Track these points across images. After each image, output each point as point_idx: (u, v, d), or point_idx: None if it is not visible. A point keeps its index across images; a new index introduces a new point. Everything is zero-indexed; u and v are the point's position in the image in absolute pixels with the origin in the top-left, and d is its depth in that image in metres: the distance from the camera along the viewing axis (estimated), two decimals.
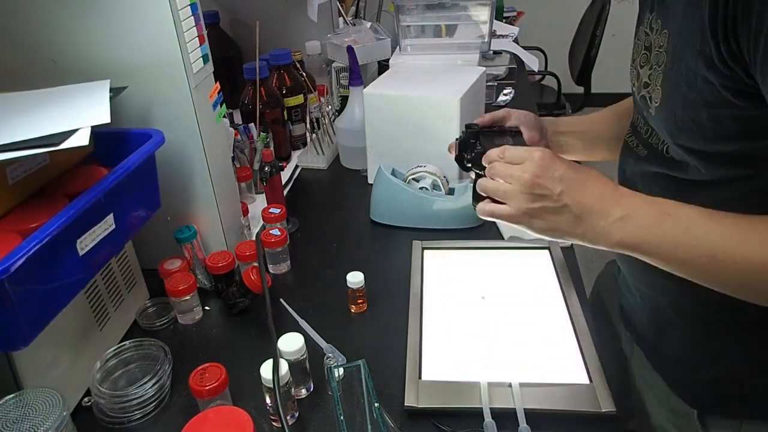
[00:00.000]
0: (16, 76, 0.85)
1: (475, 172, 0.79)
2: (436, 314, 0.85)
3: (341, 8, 1.63)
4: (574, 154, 0.95)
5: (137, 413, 0.73)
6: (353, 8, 1.74)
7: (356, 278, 0.87)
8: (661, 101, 0.63)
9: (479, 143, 0.82)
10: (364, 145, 1.22)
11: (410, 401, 0.71)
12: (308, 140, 1.45)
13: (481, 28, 1.35)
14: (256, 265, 0.88)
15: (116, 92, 0.77)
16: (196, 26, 0.84)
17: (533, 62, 1.83)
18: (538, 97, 3.23)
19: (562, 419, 0.69)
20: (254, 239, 1.00)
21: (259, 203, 1.20)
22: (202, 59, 0.86)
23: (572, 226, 0.61)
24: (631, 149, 0.75)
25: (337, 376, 0.72)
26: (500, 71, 1.76)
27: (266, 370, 0.67)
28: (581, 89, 3.08)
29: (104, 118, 0.66)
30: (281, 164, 1.35)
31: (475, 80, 1.16)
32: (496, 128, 0.89)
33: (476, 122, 0.90)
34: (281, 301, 0.89)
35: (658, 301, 0.76)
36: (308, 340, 0.75)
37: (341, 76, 1.51)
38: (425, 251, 1.00)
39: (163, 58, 0.81)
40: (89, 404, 0.74)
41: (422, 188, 1.08)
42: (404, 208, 1.08)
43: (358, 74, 1.29)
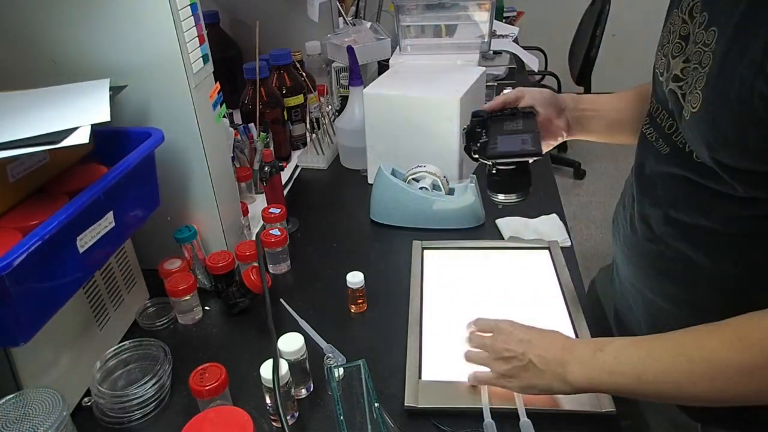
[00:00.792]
0: (16, 76, 0.85)
1: (482, 161, 0.80)
2: (436, 314, 0.85)
3: (341, 8, 1.63)
4: (595, 134, 0.92)
5: (137, 413, 0.73)
6: (353, 8, 1.74)
7: (356, 278, 0.87)
8: (700, 108, 0.58)
9: (485, 132, 0.82)
10: (364, 145, 1.22)
11: (410, 401, 0.71)
12: (308, 140, 1.45)
13: (481, 28, 1.34)
14: (256, 265, 0.88)
15: (116, 91, 0.77)
16: (196, 26, 0.84)
17: (533, 62, 1.83)
18: None
19: (562, 419, 0.69)
20: (254, 239, 1.00)
21: (259, 203, 1.20)
22: (202, 59, 0.86)
23: (540, 378, 0.66)
24: (650, 144, 0.71)
25: (337, 376, 0.72)
26: (500, 71, 1.76)
27: (266, 370, 0.67)
28: (581, 89, 3.08)
29: (104, 116, 0.67)
30: (281, 164, 1.35)
31: (475, 80, 1.16)
32: (507, 111, 0.86)
33: (487, 107, 0.88)
34: (281, 301, 0.89)
35: (660, 306, 0.73)
36: (308, 340, 0.75)
37: (341, 76, 1.51)
38: (425, 251, 1.00)
39: (163, 58, 0.81)
40: (89, 404, 0.74)
41: (422, 188, 1.08)
42: (404, 208, 1.08)
43: (358, 74, 1.29)
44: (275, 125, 1.33)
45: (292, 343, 0.72)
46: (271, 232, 0.98)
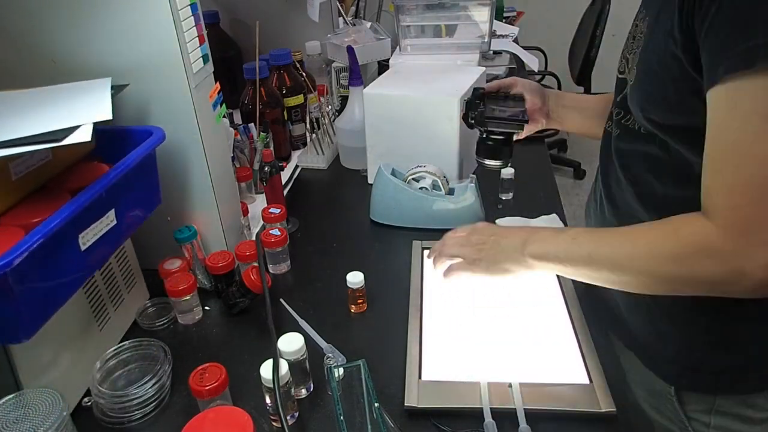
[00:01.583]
0: (16, 76, 0.85)
1: (478, 129, 1.00)
2: (436, 314, 0.85)
3: (341, 8, 1.63)
4: (571, 126, 1.06)
5: (137, 413, 0.73)
6: (353, 8, 1.74)
7: (356, 278, 0.87)
8: (635, 79, 0.71)
9: (482, 104, 0.99)
10: (364, 145, 1.22)
11: (410, 401, 0.71)
12: (308, 140, 1.45)
13: (481, 28, 1.34)
14: (256, 265, 0.88)
15: (117, 90, 0.78)
16: (196, 26, 0.84)
17: (533, 62, 1.83)
18: None
19: (562, 419, 0.69)
20: (254, 239, 1.00)
21: (259, 203, 1.20)
22: (202, 59, 0.86)
23: (504, 254, 0.79)
24: (608, 133, 0.83)
25: (337, 376, 0.72)
26: (500, 71, 1.76)
27: (266, 370, 0.67)
28: (581, 89, 3.08)
29: (106, 114, 0.67)
30: (281, 164, 1.35)
31: (475, 80, 1.16)
32: (501, 94, 1.03)
33: (484, 87, 1.05)
34: (281, 301, 0.89)
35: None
36: (308, 340, 0.75)
37: (341, 76, 1.51)
38: (425, 251, 1.00)
39: (163, 58, 0.81)
40: (89, 404, 0.74)
41: (422, 188, 1.08)
42: (404, 208, 1.08)
43: (358, 74, 1.29)
44: (275, 125, 1.33)
45: (292, 343, 0.72)
46: (271, 232, 0.98)
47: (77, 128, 0.64)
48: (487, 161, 1.01)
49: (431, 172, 1.08)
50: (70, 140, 0.62)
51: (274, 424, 0.71)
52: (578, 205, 3.08)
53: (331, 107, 1.45)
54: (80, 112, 0.68)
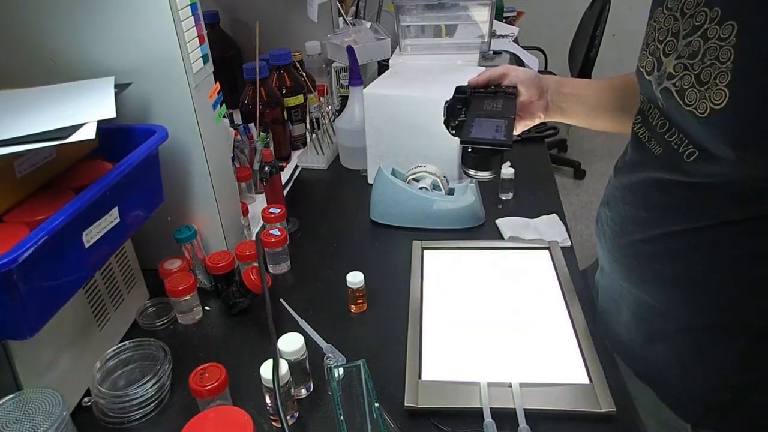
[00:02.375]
0: (15, 76, 0.85)
1: (460, 140, 0.80)
2: (436, 314, 0.85)
3: (341, 8, 1.63)
4: (574, 118, 0.93)
5: (137, 413, 0.73)
6: (353, 8, 1.74)
7: (356, 278, 0.87)
8: (727, 104, 0.57)
9: (464, 110, 0.83)
10: (364, 145, 1.22)
11: (410, 401, 0.71)
12: (308, 140, 1.45)
13: (481, 28, 1.34)
14: (256, 265, 0.88)
15: (121, 88, 0.78)
16: (196, 26, 0.84)
17: (533, 62, 1.83)
18: None
19: (562, 419, 0.69)
20: (254, 239, 1.00)
21: (259, 203, 1.20)
22: (202, 59, 0.86)
23: None
24: (642, 144, 0.71)
25: (337, 376, 0.72)
26: None
27: (266, 370, 0.67)
28: None
29: (110, 112, 0.67)
30: (281, 164, 1.35)
31: None
32: (491, 89, 0.87)
33: (471, 81, 0.88)
34: (281, 301, 0.89)
35: (655, 310, 0.72)
36: (308, 340, 0.75)
37: (341, 76, 1.51)
38: (425, 251, 1.00)
39: (163, 58, 0.81)
40: (89, 404, 0.74)
41: (422, 188, 1.08)
42: (404, 208, 1.08)
43: (358, 74, 1.29)
44: (275, 125, 1.33)
45: (292, 343, 0.72)
46: (271, 232, 0.98)
47: (81, 126, 0.64)
48: (472, 172, 0.85)
49: (431, 172, 1.08)
50: (74, 138, 0.62)
51: (274, 424, 0.71)
52: (578, 205, 3.08)
53: (331, 107, 1.45)
54: (84, 110, 0.68)
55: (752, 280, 0.63)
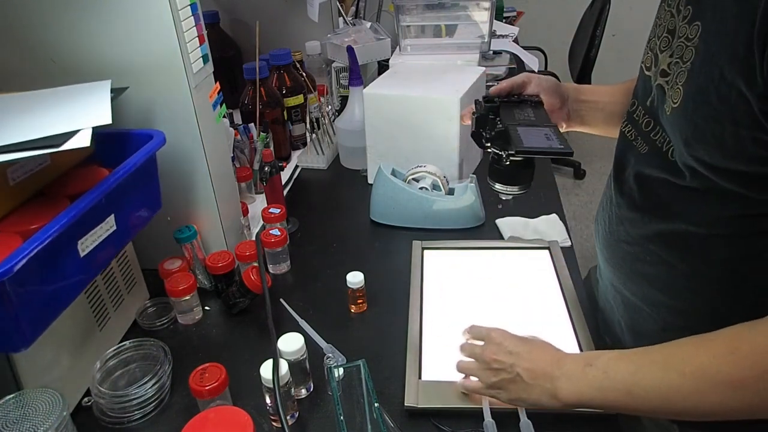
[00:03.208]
0: (16, 76, 0.85)
1: (493, 150, 0.75)
2: (436, 314, 0.85)
3: (341, 8, 1.63)
4: (594, 126, 0.91)
5: (137, 413, 0.73)
6: (353, 8, 1.74)
7: (356, 278, 0.87)
8: (680, 104, 0.58)
9: (499, 120, 0.77)
10: (364, 145, 1.22)
11: (410, 401, 0.71)
12: (308, 140, 1.45)
13: (481, 28, 1.34)
14: (256, 265, 0.88)
15: (117, 93, 0.77)
16: (196, 26, 0.84)
17: (533, 62, 1.83)
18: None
19: (561, 419, 0.69)
20: (254, 239, 1.00)
21: (259, 203, 1.20)
22: (202, 59, 0.86)
23: (528, 392, 0.65)
24: (629, 143, 0.71)
25: (337, 376, 0.72)
26: (500, 71, 1.76)
27: (266, 370, 0.67)
28: None
29: (105, 119, 0.66)
30: (281, 164, 1.35)
31: (475, 80, 1.16)
32: (515, 97, 0.84)
33: (493, 91, 0.85)
34: (281, 301, 0.89)
35: (639, 308, 0.72)
36: (308, 340, 0.75)
37: (341, 76, 1.51)
38: (425, 251, 1.00)
39: (163, 58, 0.81)
40: (89, 404, 0.74)
41: (422, 188, 1.08)
42: (404, 208, 1.08)
43: (358, 74, 1.29)
44: (275, 125, 1.33)
45: (292, 343, 0.72)
46: (271, 232, 0.98)
47: (76, 133, 0.63)
48: (500, 186, 0.79)
49: (431, 172, 1.08)
50: (69, 146, 0.61)
51: (274, 424, 0.71)
52: (578, 205, 3.08)
53: (331, 107, 1.45)
54: (79, 116, 0.67)
55: (731, 282, 0.62)
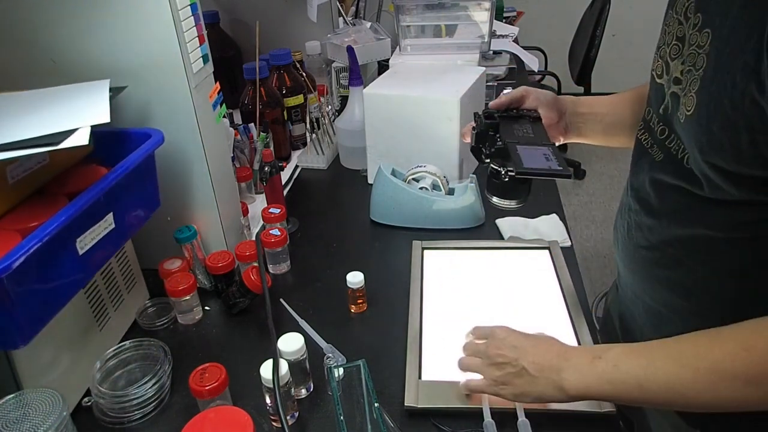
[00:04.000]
0: (16, 76, 0.85)
1: (492, 167, 0.76)
2: (436, 314, 0.85)
3: (341, 8, 1.63)
4: (593, 138, 0.91)
5: (137, 413, 0.73)
6: (353, 8, 1.74)
7: (356, 278, 0.87)
8: (694, 112, 0.58)
9: (499, 137, 0.78)
10: (364, 145, 1.22)
11: (410, 401, 0.71)
12: (308, 140, 1.45)
13: (481, 28, 1.35)
14: (256, 265, 0.88)
15: (116, 92, 0.77)
16: (196, 26, 0.84)
17: (533, 62, 1.83)
18: None
19: (561, 419, 0.69)
20: (254, 239, 1.00)
21: (259, 203, 1.20)
22: (202, 59, 0.86)
23: (533, 385, 0.65)
24: (645, 150, 0.71)
25: (337, 376, 0.72)
26: (500, 71, 1.76)
27: (266, 370, 0.67)
28: (581, 89, 3.08)
29: (104, 117, 0.66)
30: (281, 164, 1.35)
31: (475, 80, 1.16)
32: (513, 112, 0.85)
33: (492, 105, 0.85)
34: (281, 301, 0.89)
35: (660, 313, 0.72)
36: (308, 340, 0.75)
37: (341, 76, 1.51)
38: (425, 251, 1.00)
39: (163, 58, 0.81)
40: (89, 404, 0.74)
41: (422, 188, 1.08)
42: (404, 208, 1.08)
43: (358, 74, 1.29)
44: (275, 125, 1.33)
45: (292, 343, 0.72)
46: (271, 232, 0.98)
47: (75, 131, 0.63)
48: (497, 200, 0.80)
49: (431, 172, 1.08)
50: (67, 144, 0.61)
51: (274, 424, 0.71)
52: (578, 205, 3.08)
53: (331, 107, 1.45)
54: (78, 115, 0.67)
55: (750, 287, 0.62)
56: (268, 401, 0.69)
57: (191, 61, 0.83)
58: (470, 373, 0.72)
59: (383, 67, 1.49)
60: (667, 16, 0.68)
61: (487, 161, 0.79)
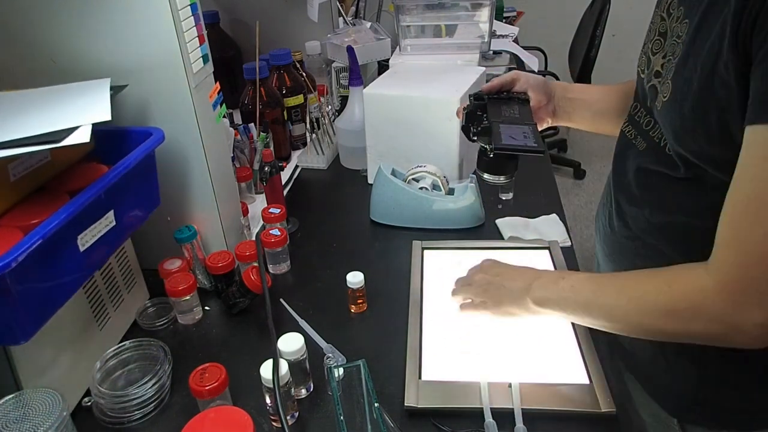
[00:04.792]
0: (16, 76, 0.85)
1: (481, 145, 0.85)
2: (436, 314, 0.85)
3: (341, 8, 1.63)
4: (581, 123, 0.97)
5: (137, 413, 0.73)
6: (353, 8, 1.74)
7: (356, 278, 0.87)
8: (669, 97, 0.62)
9: (485, 116, 0.86)
10: (364, 145, 1.22)
11: (410, 401, 0.71)
12: (308, 140, 1.45)
13: (481, 28, 1.35)
14: (256, 265, 0.88)
15: (116, 90, 0.78)
16: (196, 26, 0.84)
17: (533, 62, 1.83)
18: None
19: (561, 419, 0.69)
20: (254, 239, 1.00)
21: (259, 203, 1.20)
22: (202, 59, 0.86)
23: (509, 296, 0.77)
24: (629, 141, 0.74)
25: (337, 376, 0.72)
26: (500, 71, 1.76)
27: (266, 370, 0.67)
28: None
29: (105, 115, 0.67)
30: (281, 164, 1.35)
31: (475, 80, 1.16)
32: (504, 95, 0.92)
33: (484, 88, 0.93)
34: (281, 301, 0.89)
35: None
36: (308, 340, 0.75)
37: (341, 76, 1.51)
38: (425, 251, 1.00)
39: (163, 58, 0.81)
40: (89, 404, 0.74)
41: (422, 188, 1.08)
42: (404, 208, 1.08)
43: (358, 74, 1.29)
44: (275, 125, 1.33)
45: (292, 343, 0.72)
46: (271, 232, 0.98)
47: (76, 129, 0.63)
48: (487, 176, 0.89)
49: (431, 172, 1.08)
50: (69, 141, 0.62)
51: (274, 424, 0.71)
52: (578, 205, 3.08)
53: (331, 107, 1.45)
54: (79, 113, 0.67)
55: None
56: (268, 401, 0.69)
57: (191, 61, 0.83)
58: (470, 375, 0.73)
59: (383, 67, 1.49)
60: (654, 15, 0.71)
61: (474, 139, 0.88)
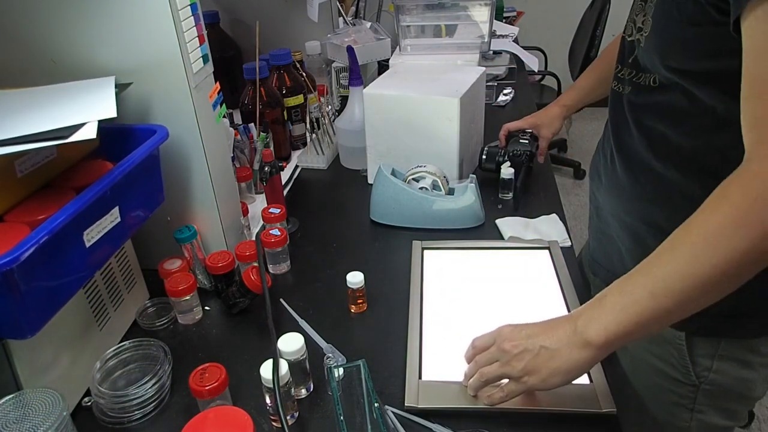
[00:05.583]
0: (16, 76, 0.85)
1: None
2: (436, 314, 0.85)
3: (341, 8, 1.63)
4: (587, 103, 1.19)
5: (137, 413, 0.73)
6: (353, 8, 1.74)
7: (356, 278, 0.87)
8: (650, 31, 0.72)
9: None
10: (364, 145, 1.22)
11: (410, 401, 0.71)
12: (308, 140, 1.45)
13: (481, 28, 1.35)
14: (256, 265, 0.88)
15: (121, 88, 0.78)
16: (196, 26, 0.84)
17: (533, 62, 1.83)
18: (537, 97, 3.24)
19: (562, 419, 0.69)
20: (254, 239, 1.00)
21: (259, 203, 1.20)
22: (202, 59, 0.86)
23: (558, 358, 0.63)
24: (618, 94, 0.83)
25: (337, 376, 0.72)
26: (500, 71, 1.76)
27: (266, 370, 0.67)
28: None
29: (110, 112, 0.68)
30: (281, 164, 1.35)
31: (475, 80, 1.16)
32: (520, 134, 1.21)
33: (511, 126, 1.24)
34: (281, 301, 0.89)
35: (641, 231, 0.81)
36: (308, 340, 0.75)
37: (341, 76, 1.51)
38: (425, 251, 1.00)
39: (163, 58, 0.81)
40: (89, 404, 0.74)
41: (422, 188, 1.08)
42: (404, 208, 1.08)
43: (358, 74, 1.29)
44: (275, 125, 1.33)
45: (292, 343, 0.72)
46: (271, 232, 0.98)
47: (82, 126, 0.64)
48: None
49: (431, 172, 1.08)
50: (75, 137, 0.62)
51: (274, 424, 0.71)
52: (578, 205, 3.08)
53: (331, 107, 1.45)
54: (85, 109, 0.68)
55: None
56: (268, 401, 0.69)
57: (191, 61, 0.83)
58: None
59: (383, 67, 1.49)
60: None
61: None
